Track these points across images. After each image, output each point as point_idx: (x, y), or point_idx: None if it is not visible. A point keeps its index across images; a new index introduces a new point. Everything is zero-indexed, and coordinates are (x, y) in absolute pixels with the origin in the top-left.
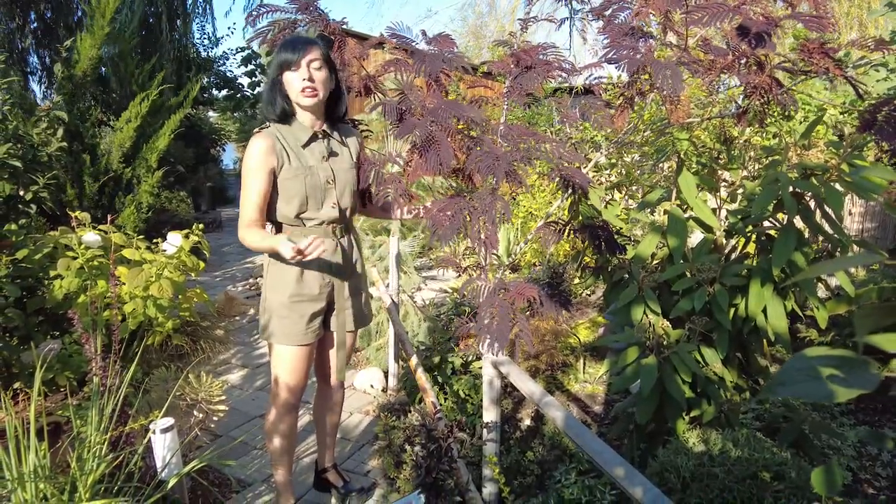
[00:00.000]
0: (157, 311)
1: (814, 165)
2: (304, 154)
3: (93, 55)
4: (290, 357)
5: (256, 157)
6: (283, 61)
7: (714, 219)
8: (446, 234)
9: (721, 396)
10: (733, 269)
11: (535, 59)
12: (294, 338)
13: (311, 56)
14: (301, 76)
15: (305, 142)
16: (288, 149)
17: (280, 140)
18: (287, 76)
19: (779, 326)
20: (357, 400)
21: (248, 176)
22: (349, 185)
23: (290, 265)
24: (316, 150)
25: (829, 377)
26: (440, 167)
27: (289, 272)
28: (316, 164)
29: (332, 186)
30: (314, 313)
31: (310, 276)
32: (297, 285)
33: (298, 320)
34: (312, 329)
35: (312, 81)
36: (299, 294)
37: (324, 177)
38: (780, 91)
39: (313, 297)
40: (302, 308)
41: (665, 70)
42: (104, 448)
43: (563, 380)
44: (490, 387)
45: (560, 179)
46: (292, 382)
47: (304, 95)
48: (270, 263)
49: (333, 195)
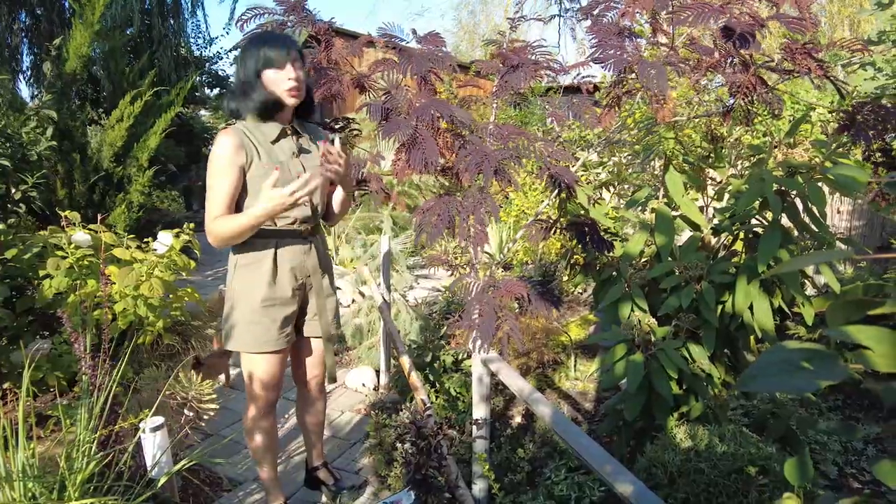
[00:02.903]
0: (147, 310)
1: (798, 164)
2: (275, 150)
3: (83, 53)
4: (263, 364)
5: (225, 154)
6: (265, 59)
7: (701, 217)
8: (433, 234)
9: (708, 393)
10: (720, 266)
11: (523, 58)
12: (267, 345)
13: (295, 55)
14: (287, 76)
15: (275, 138)
16: (257, 144)
17: (248, 136)
18: (269, 74)
19: (765, 323)
20: (348, 398)
21: (216, 173)
22: (321, 182)
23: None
24: (286, 146)
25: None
26: (425, 166)
27: (259, 275)
28: (287, 160)
29: None
30: (287, 317)
31: (283, 278)
32: (270, 288)
33: (271, 325)
34: (285, 334)
35: (299, 81)
36: (272, 298)
37: (295, 173)
38: (765, 90)
39: (286, 301)
40: (274, 313)
41: (650, 69)
42: (93, 447)
43: (554, 377)
44: (479, 384)
45: (548, 178)
46: (267, 385)
47: (290, 95)
48: (238, 266)
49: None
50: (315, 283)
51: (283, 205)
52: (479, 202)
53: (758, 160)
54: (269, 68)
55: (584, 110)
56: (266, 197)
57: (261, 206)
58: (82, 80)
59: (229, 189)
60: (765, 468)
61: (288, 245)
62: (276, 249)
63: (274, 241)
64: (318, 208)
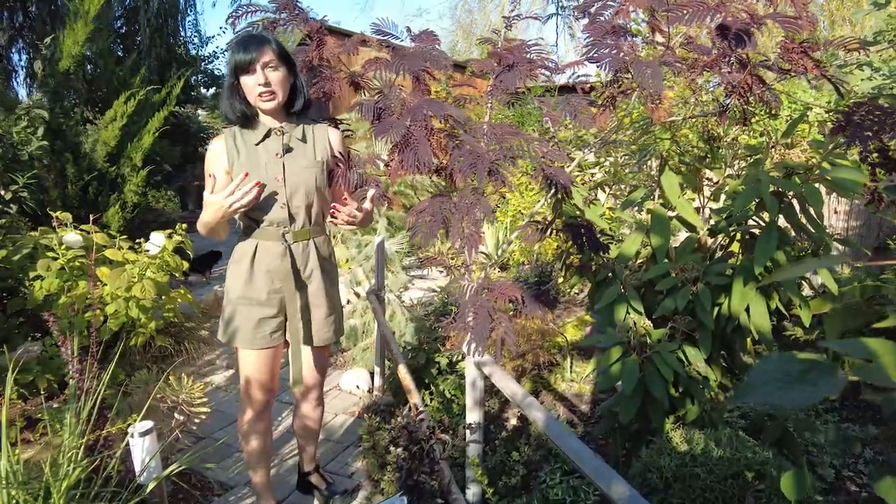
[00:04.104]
0: (139, 311)
1: (795, 164)
2: (257, 151)
3: (76, 52)
4: (250, 360)
5: (209, 159)
6: (237, 64)
7: (697, 218)
8: (427, 235)
9: (705, 396)
10: (716, 268)
11: (519, 57)
12: (245, 341)
13: (266, 58)
14: (257, 80)
15: (259, 140)
16: (241, 146)
17: (235, 139)
18: (244, 80)
19: (762, 325)
20: (342, 401)
21: (205, 177)
22: (305, 184)
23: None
24: (270, 147)
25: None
26: (418, 167)
27: (239, 272)
28: (267, 161)
29: (281, 184)
30: (263, 318)
31: (258, 279)
32: (245, 287)
33: (246, 323)
34: (262, 335)
35: (269, 85)
36: (247, 297)
37: (272, 174)
38: (762, 89)
39: (261, 302)
40: (249, 312)
41: (646, 69)
42: (80, 452)
43: (550, 379)
44: (473, 388)
45: (543, 178)
46: (258, 385)
47: (263, 100)
48: (230, 264)
49: (283, 194)
50: (287, 290)
51: (222, 209)
52: (473, 203)
53: (754, 161)
54: (243, 74)
55: (579, 110)
56: (205, 201)
57: (207, 206)
58: (76, 79)
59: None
60: (761, 473)
61: (267, 247)
62: (256, 249)
63: (255, 241)
64: (298, 212)
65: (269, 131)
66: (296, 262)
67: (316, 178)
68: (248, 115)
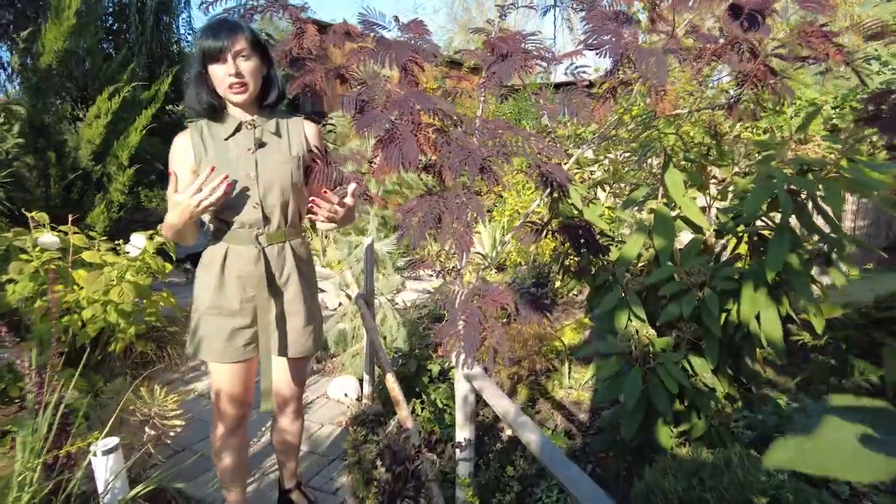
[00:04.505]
0: (118, 316)
1: (811, 161)
2: (227, 146)
3: (58, 47)
4: (222, 374)
5: (173, 156)
6: (205, 51)
7: (703, 218)
8: (416, 237)
9: (711, 409)
10: (724, 272)
11: (513, 47)
12: (215, 354)
13: (238, 46)
14: (228, 70)
15: (229, 134)
16: (209, 141)
17: (202, 133)
18: (213, 69)
19: (773, 333)
20: (330, 410)
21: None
22: (280, 181)
23: (211, 270)
24: (241, 141)
25: (862, 440)
26: (403, 163)
27: (208, 279)
28: (238, 156)
29: (254, 182)
30: (235, 329)
31: (230, 287)
32: (215, 295)
33: (216, 335)
34: (234, 347)
35: (241, 76)
36: (217, 306)
37: (243, 171)
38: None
39: (233, 312)
40: (220, 322)
41: (649, 58)
42: (38, 472)
43: (548, 385)
44: (464, 402)
45: (539, 176)
46: (231, 399)
47: (233, 92)
48: (198, 269)
49: (255, 193)
50: (260, 298)
51: (188, 209)
52: (465, 203)
53: (765, 157)
54: (212, 63)
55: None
56: (168, 202)
57: (172, 209)
58: (59, 75)
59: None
60: (776, 498)
61: (238, 251)
62: (226, 254)
63: (226, 245)
64: (273, 212)
65: (240, 125)
66: (270, 267)
67: (291, 175)
68: (216, 107)
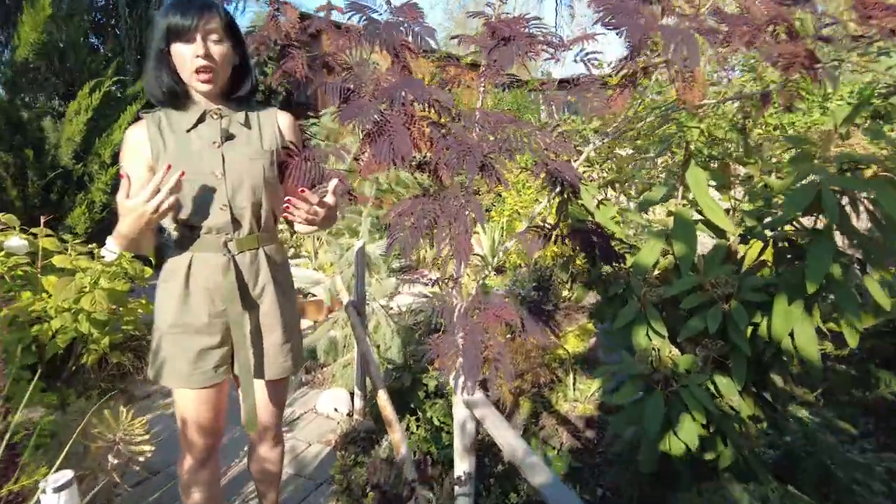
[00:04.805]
0: (90, 326)
1: (860, 157)
2: (189, 139)
3: (34, 39)
4: (188, 401)
5: (126, 153)
6: (172, 28)
7: (728, 221)
8: (407, 244)
9: (738, 434)
10: (752, 282)
11: (516, 31)
12: (180, 379)
13: (210, 25)
14: (196, 51)
15: (191, 125)
16: (168, 134)
17: (160, 125)
18: (177, 49)
19: (809, 351)
20: (318, 426)
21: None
22: (251, 178)
23: (174, 283)
24: (206, 133)
25: None
26: (394, 160)
27: (170, 293)
28: (202, 151)
29: (221, 179)
30: (204, 349)
31: (196, 301)
32: (179, 311)
33: (181, 357)
34: (203, 370)
35: (210, 59)
36: (181, 324)
37: (208, 167)
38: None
39: (200, 329)
40: (186, 342)
41: (677, 37)
42: None
43: (551, 397)
44: (462, 431)
45: (546, 175)
46: (200, 429)
47: (200, 80)
48: (159, 282)
49: (223, 192)
50: (233, 312)
51: (144, 216)
52: (463, 205)
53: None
54: (176, 41)
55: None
56: (120, 208)
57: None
58: (37, 69)
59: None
60: None
61: (205, 260)
62: (191, 264)
63: (190, 254)
64: (243, 214)
65: (204, 114)
66: (243, 277)
67: (264, 171)
68: (177, 92)
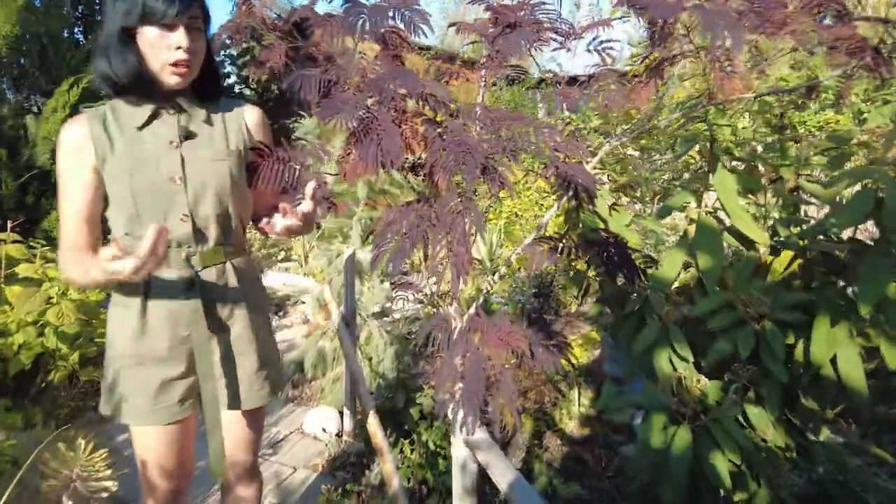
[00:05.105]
0: (58, 340)
1: None
2: (142, 138)
3: (6, 32)
4: (149, 440)
5: (63, 158)
6: (149, 8)
7: (759, 231)
8: (396, 257)
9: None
10: (788, 298)
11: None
12: (140, 416)
13: (195, 12)
14: (177, 42)
15: (144, 121)
16: (116, 133)
17: (105, 122)
18: (151, 33)
19: (854, 379)
20: (305, 448)
21: (60, 184)
22: (215, 184)
23: (129, 307)
24: (161, 132)
25: None
26: (382, 162)
27: (125, 319)
28: (157, 152)
29: (180, 186)
30: (166, 381)
31: (156, 326)
32: (137, 340)
33: (141, 391)
34: (166, 405)
35: (191, 53)
36: (138, 354)
37: (165, 171)
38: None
39: (161, 358)
40: (145, 374)
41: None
42: None
43: (555, 414)
44: (462, 472)
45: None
46: (162, 472)
47: (174, 73)
48: (111, 305)
49: (183, 200)
50: (198, 339)
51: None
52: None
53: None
54: (151, 24)
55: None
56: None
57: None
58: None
59: (80, 203)
60: None
61: (164, 279)
62: (148, 284)
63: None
64: (208, 225)
65: (158, 109)
66: (209, 297)
67: (230, 175)
68: (143, 79)
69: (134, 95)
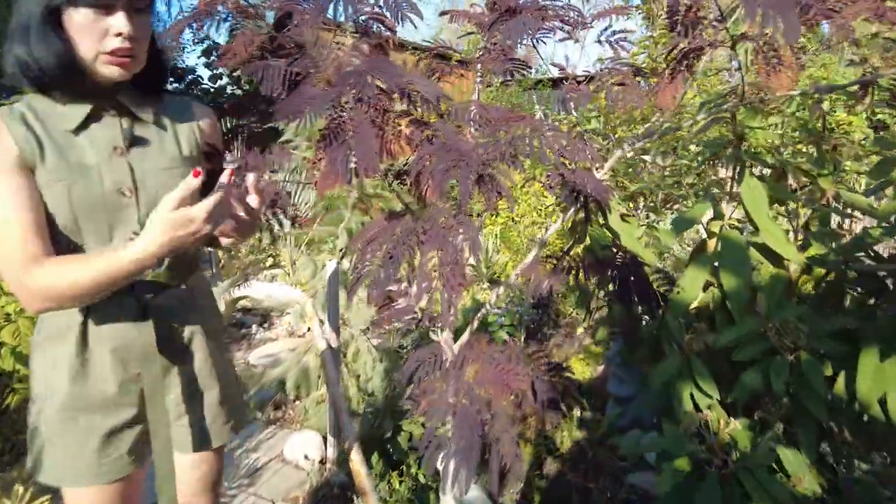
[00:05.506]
0: (14, 361)
1: None
2: (77, 144)
3: None
4: (90, 502)
5: None
6: None
7: (792, 247)
8: (378, 281)
9: None
10: (829, 326)
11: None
12: (81, 477)
13: None
14: (118, 27)
15: (78, 124)
16: (45, 138)
17: (28, 122)
18: (83, 15)
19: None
20: (285, 479)
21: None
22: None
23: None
24: (100, 136)
25: None
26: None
27: (59, 360)
28: (98, 160)
29: (131, 199)
30: (113, 431)
31: (99, 366)
32: (74, 384)
33: (80, 447)
34: (112, 459)
35: (133, 41)
36: (77, 401)
37: (111, 183)
38: None
39: (107, 404)
40: (85, 425)
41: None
42: None
43: (556, 437)
44: None
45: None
46: None
47: (114, 63)
48: (35, 346)
49: (134, 215)
50: (150, 377)
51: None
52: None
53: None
54: (83, 5)
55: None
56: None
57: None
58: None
59: (27, 214)
60: None
61: (108, 310)
62: (88, 317)
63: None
64: None
65: (96, 109)
66: (164, 328)
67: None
68: (73, 69)
69: (62, 91)
